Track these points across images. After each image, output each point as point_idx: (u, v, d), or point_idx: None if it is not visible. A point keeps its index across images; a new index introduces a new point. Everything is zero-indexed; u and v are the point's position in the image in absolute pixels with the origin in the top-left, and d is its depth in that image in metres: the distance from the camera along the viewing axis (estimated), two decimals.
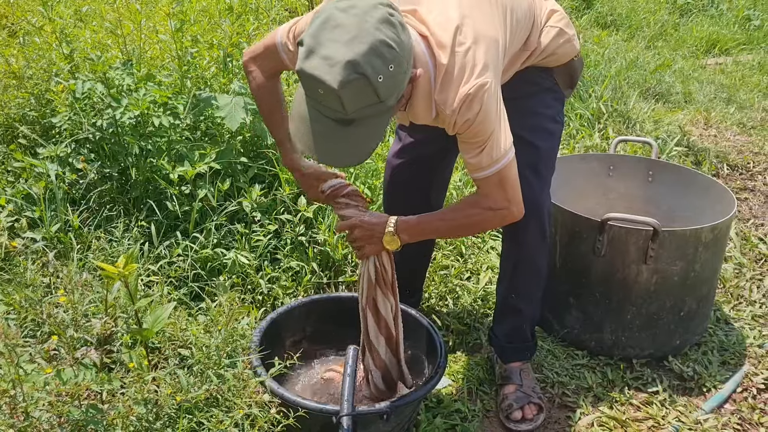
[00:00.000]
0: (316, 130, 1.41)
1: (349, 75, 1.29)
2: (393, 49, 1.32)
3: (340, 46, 1.30)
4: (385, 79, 1.33)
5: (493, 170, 1.58)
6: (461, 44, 1.48)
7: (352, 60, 1.29)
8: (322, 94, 1.33)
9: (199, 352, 1.61)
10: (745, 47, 6.27)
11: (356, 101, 1.33)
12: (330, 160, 1.48)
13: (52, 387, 1.24)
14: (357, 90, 1.31)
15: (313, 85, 1.33)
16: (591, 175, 2.69)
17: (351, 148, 1.43)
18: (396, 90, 1.38)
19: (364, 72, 1.29)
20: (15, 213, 2.30)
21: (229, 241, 2.40)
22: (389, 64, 1.32)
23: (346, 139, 1.41)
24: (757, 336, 2.42)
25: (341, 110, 1.35)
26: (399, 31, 1.35)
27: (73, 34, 2.85)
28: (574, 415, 2.04)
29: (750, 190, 3.62)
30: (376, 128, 1.42)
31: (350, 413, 1.57)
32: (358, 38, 1.30)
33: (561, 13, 1.86)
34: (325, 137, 1.41)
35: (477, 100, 1.48)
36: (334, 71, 1.29)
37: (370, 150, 1.45)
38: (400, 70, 1.36)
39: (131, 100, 2.42)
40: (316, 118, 1.41)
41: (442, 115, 1.53)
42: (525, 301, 2.00)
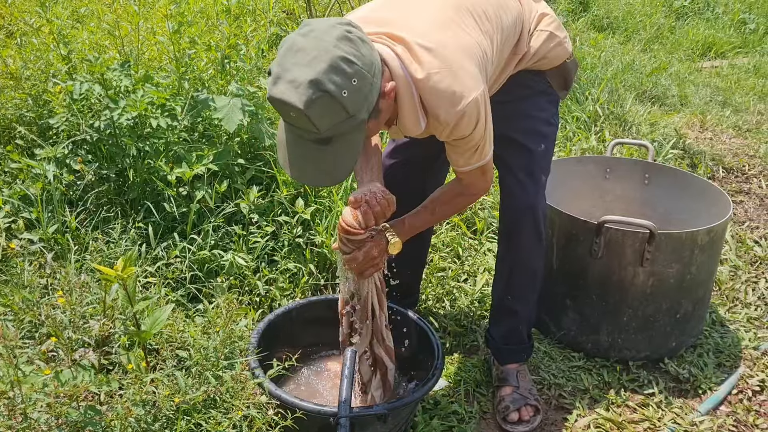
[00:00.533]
0: (295, 153, 1.45)
1: (312, 94, 1.32)
2: (354, 63, 1.35)
3: (302, 68, 1.33)
4: (350, 94, 1.35)
5: (478, 165, 1.66)
6: (446, 59, 1.50)
7: (313, 79, 1.32)
8: (294, 117, 1.37)
9: (197, 353, 1.61)
10: (740, 50, 6.30)
11: (326, 119, 1.36)
12: (310, 181, 1.52)
13: (50, 388, 1.24)
14: (323, 107, 1.34)
15: (283, 109, 1.37)
16: (587, 178, 2.70)
17: (330, 168, 1.46)
18: (365, 103, 1.40)
19: (327, 89, 1.33)
20: (12, 214, 2.30)
21: (226, 243, 2.40)
22: (352, 78, 1.35)
23: (323, 159, 1.45)
24: (753, 338, 2.43)
25: (314, 130, 1.38)
26: (359, 45, 1.38)
27: (71, 35, 2.85)
28: (571, 416, 2.05)
29: (745, 193, 3.64)
30: (352, 144, 1.45)
31: (348, 415, 1.58)
32: (318, 58, 1.33)
33: (551, 17, 1.87)
34: (304, 159, 1.45)
35: (474, 115, 1.52)
36: (298, 92, 1.32)
37: (350, 167, 1.47)
38: (365, 83, 1.38)
39: (129, 101, 2.42)
40: (294, 141, 1.45)
41: (436, 126, 1.56)
42: (521, 303, 2.01)
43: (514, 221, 1.90)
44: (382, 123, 1.54)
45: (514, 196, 1.88)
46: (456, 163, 1.67)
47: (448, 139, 1.58)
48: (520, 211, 1.88)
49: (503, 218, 1.95)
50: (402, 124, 1.59)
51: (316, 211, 2.55)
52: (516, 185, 1.86)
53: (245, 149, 2.67)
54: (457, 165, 1.67)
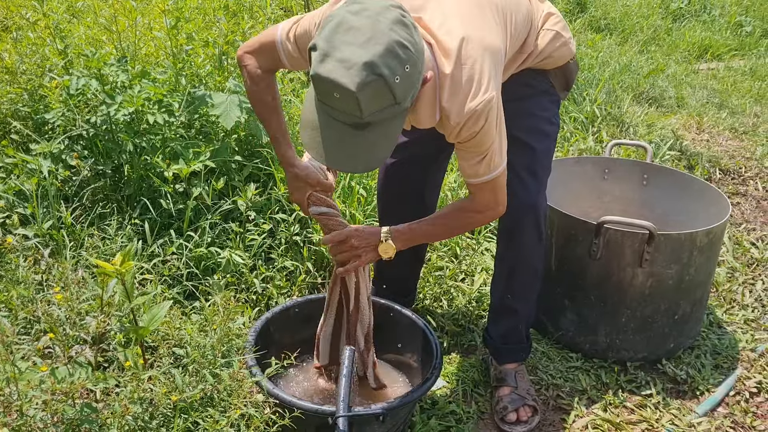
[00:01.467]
0: (328, 136, 1.39)
1: (367, 77, 1.27)
2: (408, 49, 1.31)
3: (355, 49, 1.28)
4: (401, 80, 1.31)
5: (489, 177, 1.60)
6: (468, 56, 1.47)
7: (369, 61, 1.27)
8: (338, 98, 1.31)
9: (194, 351, 1.59)
10: (737, 53, 6.31)
11: (373, 103, 1.32)
12: (343, 167, 1.46)
13: (47, 385, 1.22)
14: (374, 92, 1.30)
15: (328, 89, 1.31)
16: (586, 178, 2.70)
17: (364, 154, 1.41)
18: (411, 91, 1.37)
19: (382, 73, 1.28)
20: (6, 209, 2.28)
21: (223, 240, 2.38)
22: (405, 64, 1.31)
23: (359, 144, 1.39)
24: (750, 340, 2.43)
25: (357, 114, 1.32)
26: (412, 31, 1.34)
27: (67, 29, 2.82)
28: (569, 417, 2.04)
29: (742, 195, 3.64)
30: (390, 131, 1.40)
31: (346, 414, 1.57)
32: (374, 39, 1.28)
33: (557, 17, 1.86)
34: (337, 143, 1.39)
35: (483, 115, 1.49)
36: (351, 73, 1.27)
37: (384, 155, 1.43)
38: (416, 71, 1.35)
39: (126, 96, 2.40)
40: (328, 124, 1.39)
41: (446, 123, 1.52)
42: (521, 302, 2.00)
43: (516, 220, 1.89)
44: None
45: (516, 194, 1.87)
46: (465, 172, 1.62)
47: (456, 139, 1.55)
48: (521, 210, 1.86)
49: (504, 218, 1.93)
50: (417, 114, 1.55)
51: None
52: (518, 184, 1.85)
53: (242, 146, 2.65)
54: (466, 175, 1.62)
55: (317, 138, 1.40)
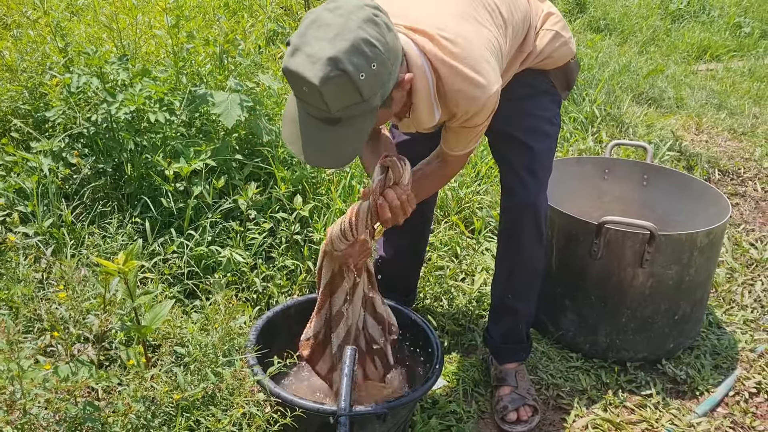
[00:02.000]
0: (303, 131, 1.42)
1: (330, 71, 1.29)
2: (376, 47, 1.33)
3: (323, 44, 1.31)
4: (367, 78, 1.33)
5: (468, 149, 1.68)
6: (469, 52, 1.49)
7: (333, 57, 1.29)
8: (306, 92, 1.34)
9: (195, 350, 1.59)
10: (735, 54, 6.32)
11: (339, 99, 1.34)
12: (315, 161, 1.47)
13: (51, 384, 1.22)
14: (339, 87, 1.32)
15: (297, 82, 1.34)
16: (586, 178, 2.70)
17: (335, 149, 1.43)
18: (380, 89, 1.38)
19: (345, 69, 1.30)
20: (7, 207, 2.27)
21: (223, 239, 2.38)
22: (371, 62, 1.33)
23: (329, 140, 1.41)
24: (749, 340, 2.44)
25: (325, 108, 1.35)
26: (384, 31, 1.36)
27: (68, 27, 2.82)
28: (569, 417, 2.04)
29: (741, 196, 3.65)
30: (360, 128, 1.42)
31: (347, 413, 1.57)
32: (341, 36, 1.31)
33: (557, 16, 1.87)
34: (311, 138, 1.42)
35: (489, 107, 1.53)
36: (315, 68, 1.30)
37: (354, 152, 1.45)
38: (384, 70, 1.36)
39: (127, 95, 2.40)
40: (304, 119, 1.42)
41: (452, 114, 1.55)
42: (521, 302, 2.01)
43: (516, 220, 1.90)
44: (392, 114, 1.52)
45: (516, 194, 1.87)
46: (453, 147, 1.67)
47: (459, 126, 1.58)
48: (521, 210, 1.87)
49: (504, 217, 1.94)
50: (416, 117, 1.57)
51: (314, 208, 2.54)
52: (518, 183, 1.85)
53: (243, 145, 2.65)
54: (452, 149, 1.68)
55: (295, 133, 1.43)
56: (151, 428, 1.36)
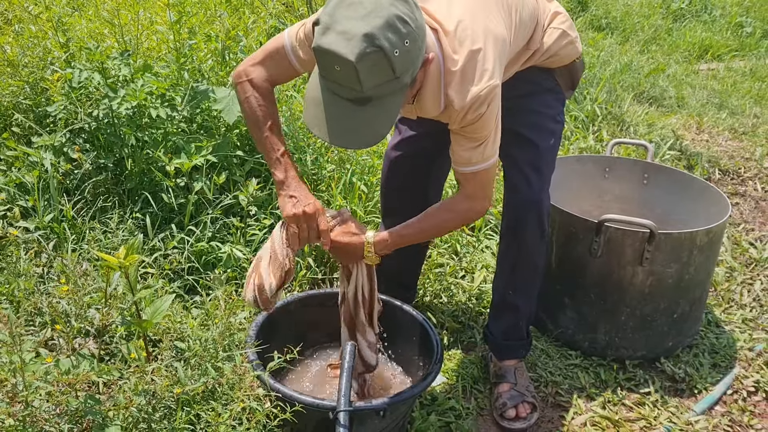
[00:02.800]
0: (330, 113, 1.41)
1: (366, 48, 1.30)
2: (408, 24, 1.33)
3: (356, 21, 1.31)
4: (401, 54, 1.33)
5: (480, 167, 1.62)
6: (473, 43, 1.50)
7: (368, 33, 1.29)
8: (339, 71, 1.33)
9: (196, 345, 1.60)
10: (737, 53, 6.32)
11: (373, 76, 1.34)
12: (343, 143, 1.46)
13: (53, 377, 1.23)
14: (373, 64, 1.32)
15: (329, 61, 1.33)
16: (587, 177, 2.71)
17: (365, 129, 1.42)
18: (411, 67, 1.38)
19: (381, 45, 1.30)
20: (8, 202, 2.28)
21: (224, 235, 2.38)
22: (405, 39, 1.33)
23: (360, 120, 1.41)
24: (748, 339, 2.44)
25: (358, 87, 1.34)
26: (413, 8, 1.37)
27: (69, 23, 2.82)
28: (568, 414, 2.05)
29: (741, 195, 3.65)
30: (390, 107, 1.41)
31: (347, 409, 1.57)
32: (374, 13, 1.31)
33: (564, 16, 1.87)
34: (339, 119, 1.41)
35: (486, 101, 1.52)
36: (351, 45, 1.30)
37: (384, 131, 1.44)
38: (415, 47, 1.37)
39: (128, 90, 2.40)
40: (330, 101, 1.41)
41: (450, 110, 1.54)
42: (522, 299, 2.01)
43: (519, 216, 1.90)
44: (412, 92, 1.51)
45: (519, 191, 1.88)
46: (458, 158, 1.63)
47: (459, 124, 1.57)
48: (524, 206, 1.87)
49: (507, 213, 1.94)
50: (422, 103, 1.57)
51: None
52: (521, 180, 1.85)
53: (244, 141, 2.65)
54: (458, 162, 1.64)
55: (319, 115, 1.42)
56: (152, 422, 1.37)
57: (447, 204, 1.74)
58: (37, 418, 1.18)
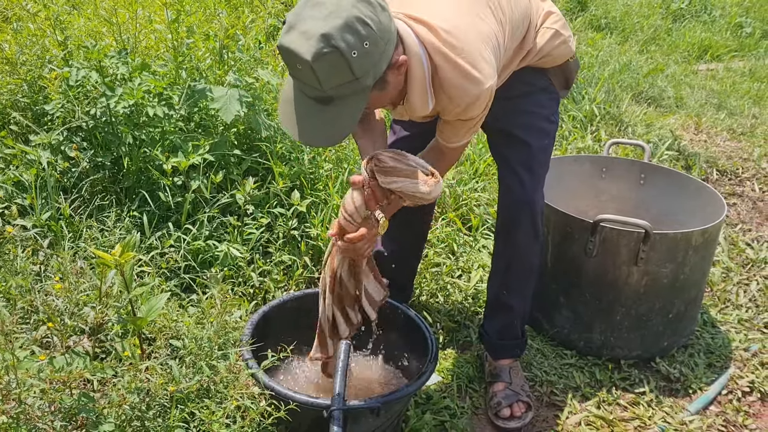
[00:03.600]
0: (297, 110, 1.45)
1: (322, 48, 1.32)
2: (369, 26, 1.35)
3: (317, 21, 1.33)
4: (359, 56, 1.35)
5: (465, 141, 1.69)
6: (466, 43, 1.51)
7: (326, 33, 1.31)
8: (300, 69, 1.36)
9: (191, 343, 1.60)
10: (736, 54, 6.32)
11: (331, 77, 1.36)
12: (307, 140, 1.50)
13: (46, 374, 1.23)
14: (331, 64, 1.34)
15: (291, 59, 1.36)
16: (583, 177, 2.71)
17: (327, 128, 1.45)
18: (372, 69, 1.39)
19: (337, 45, 1.32)
20: (5, 200, 2.28)
21: (221, 234, 2.39)
22: (364, 41, 1.34)
23: (323, 119, 1.44)
24: (743, 339, 2.45)
25: (318, 86, 1.37)
26: (377, 11, 1.38)
27: (67, 21, 2.82)
28: (562, 413, 2.06)
29: (738, 196, 3.65)
30: (352, 108, 1.43)
31: (341, 407, 1.58)
32: (335, 14, 1.33)
33: (557, 15, 1.87)
34: (304, 117, 1.45)
35: (483, 101, 1.54)
36: (308, 44, 1.32)
37: (346, 131, 1.47)
38: (377, 50, 1.38)
39: (126, 89, 2.41)
40: (299, 99, 1.45)
41: (445, 106, 1.56)
42: (517, 298, 2.02)
43: (512, 216, 1.91)
44: (387, 98, 1.53)
45: (512, 191, 1.88)
46: (449, 139, 1.69)
47: (453, 119, 1.60)
48: (517, 206, 1.88)
49: (501, 213, 1.95)
50: (410, 105, 1.59)
51: (311, 204, 2.55)
52: (514, 180, 1.86)
53: (242, 140, 2.66)
54: (449, 141, 1.69)
55: (287, 110, 1.47)
56: (146, 420, 1.37)
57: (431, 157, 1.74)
58: (30, 416, 1.19)
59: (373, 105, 1.56)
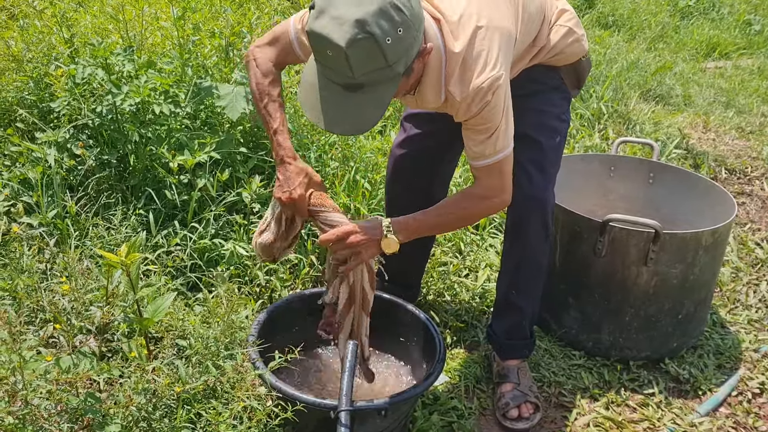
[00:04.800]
0: (323, 96, 1.41)
1: (357, 34, 1.29)
2: (403, 12, 1.32)
3: (350, 7, 1.30)
4: (393, 42, 1.32)
5: (495, 159, 1.61)
6: (476, 35, 1.49)
7: (360, 19, 1.29)
8: (331, 56, 1.33)
9: (197, 342, 1.59)
10: (745, 52, 6.28)
11: (364, 63, 1.33)
12: (335, 128, 1.46)
13: (52, 375, 1.22)
14: (365, 50, 1.31)
15: (322, 45, 1.33)
16: (592, 176, 2.69)
17: (356, 116, 1.42)
18: (404, 56, 1.37)
19: (372, 32, 1.29)
20: (11, 198, 2.28)
21: (227, 232, 2.38)
22: (398, 27, 1.32)
23: (352, 106, 1.41)
24: (753, 340, 2.43)
25: (349, 73, 1.34)
26: None
27: (74, 18, 2.82)
28: (571, 414, 2.04)
29: (747, 195, 3.63)
30: (382, 95, 1.41)
31: (348, 408, 1.56)
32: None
33: (571, 13, 1.86)
34: (331, 104, 1.41)
35: (489, 92, 1.50)
36: (342, 30, 1.29)
37: (375, 119, 1.43)
38: (409, 35, 1.35)
39: (132, 86, 2.40)
40: (324, 85, 1.41)
41: (452, 101, 1.54)
42: (526, 299, 2.00)
43: (522, 215, 1.89)
44: (409, 85, 1.51)
45: (522, 189, 1.87)
46: (471, 153, 1.62)
47: (464, 117, 1.57)
48: (528, 205, 1.86)
49: (511, 212, 1.93)
50: (422, 94, 1.56)
51: None
52: (525, 178, 1.84)
53: (248, 138, 2.65)
54: (472, 156, 1.62)
55: (314, 99, 1.42)
56: (152, 420, 1.37)
57: (466, 194, 1.71)
58: (36, 417, 1.18)
59: (398, 92, 1.51)
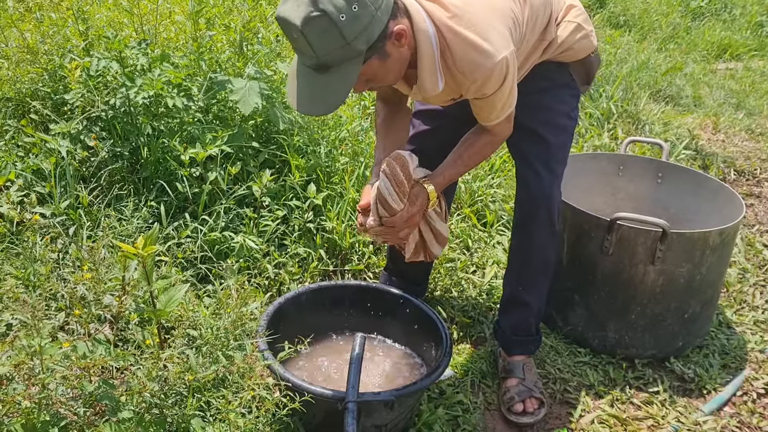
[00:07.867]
0: (299, 81, 1.48)
1: (310, 12, 1.34)
2: None
3: None
4: (348, 19, 1.36)
5: (505, 115, 1.69)
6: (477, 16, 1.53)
7: None
8: (296, 38, 1.39)
9: (207, 333, 1.62)
10: (756, 53, 6.25)
11: (323, 41, 1.38)
12: (304, 109, 1.52)
13: (71, 361, 1.25)
14: (320, 28, 1.36)
15: (287, 29, 1.39)
16: (600, 174, 2.70)
17: (323, 96, 1.47)
18: (363, 33, 1.40)
19: (325, 8, 1.34)
20: (25, 188, 2.31)
21: (237, 225, 2.40)
22: (352, 4, 1.36)
23: (319, 87, 1.46)
24: (759, 341, 2.43)
25: (312, 53, 1.40)
26: None
27: (89, 11, 2.84)
28: (575, 411, 2.05)
29: (756, 197, 3.62)
30: (346, 75, 1.45)
31: (355, 400, 1.59)
32: None
33: (579, 9, 1.87)
34: (304, 87, 1.48)
35: (500, 74, 1.55)
36: (299, 10, 1.35)
37: (339, 98, 1.48)
38: (367, 12, 1.39)
39: (145, 79, 2.42)
40: (300, 71, 1.48)
41: (461, 81, 1.57)
42: (532, 295, 2.01)
43: (529, 212, 1.91)
44: (393, 71, 1.54)
45: (530, 186, 1.88)
46: (485, 118, 1.70)
47: (474, 95, 1.62)
48: (535, 202, 1.88)
49: (518, 209, 1.95)
50: (421, 83, 1.60)
51: (327, 197, 2.55)
52: (532, 176, 1.86)
53: (259, 132, 2.67)
54: (486, 120, 1.71)
55: (291, 83, 1.50)
56: (164, 407, 1.39)
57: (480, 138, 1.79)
58: (52, 401, 1.21)
59: (380, 78, 1.56)
